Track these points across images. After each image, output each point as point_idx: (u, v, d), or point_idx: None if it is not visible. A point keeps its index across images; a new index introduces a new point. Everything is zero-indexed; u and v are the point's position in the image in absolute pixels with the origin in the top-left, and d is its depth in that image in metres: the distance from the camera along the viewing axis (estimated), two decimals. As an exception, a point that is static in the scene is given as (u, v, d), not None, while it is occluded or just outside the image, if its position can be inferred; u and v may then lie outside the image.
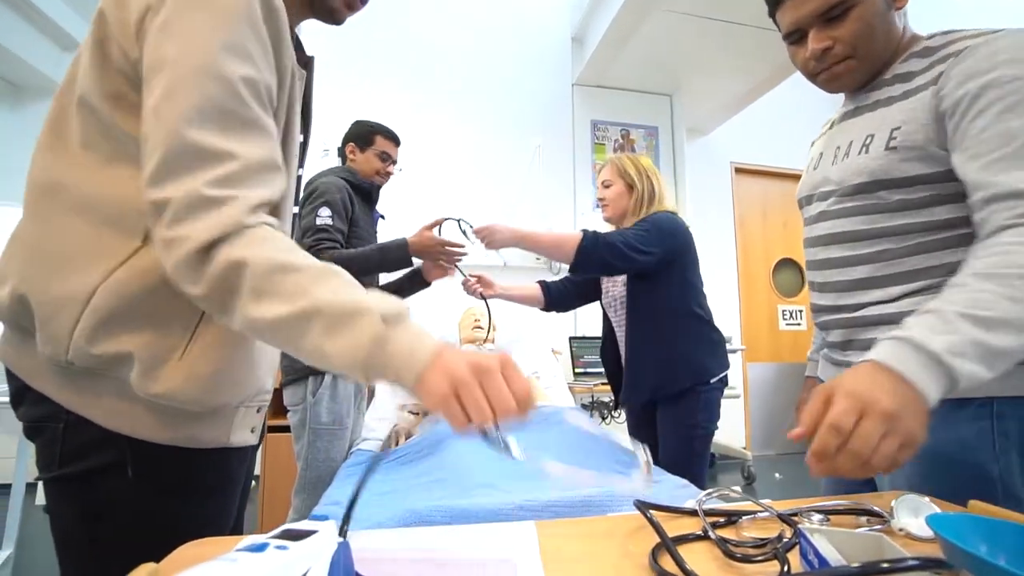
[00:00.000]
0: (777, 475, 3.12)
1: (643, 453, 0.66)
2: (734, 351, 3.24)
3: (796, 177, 1.00)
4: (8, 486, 1.68)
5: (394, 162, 1.68)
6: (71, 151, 0.54)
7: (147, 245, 0.53)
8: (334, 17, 0.73)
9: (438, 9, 3.00)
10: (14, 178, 2.72)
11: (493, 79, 3.04)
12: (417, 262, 1.46)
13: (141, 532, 0.57)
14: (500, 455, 0.46)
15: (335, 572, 0.35)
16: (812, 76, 0.76)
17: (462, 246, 1.38)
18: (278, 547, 0.32)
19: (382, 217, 1.75)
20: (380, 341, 0.44)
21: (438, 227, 1.37)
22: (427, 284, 1.52)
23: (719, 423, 1.41)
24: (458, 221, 1.35)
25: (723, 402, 1.40)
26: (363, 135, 1.63)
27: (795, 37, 0.75)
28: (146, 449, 0.56)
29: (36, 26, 2.72)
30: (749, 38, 2.52)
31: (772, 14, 0.77)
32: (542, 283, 1.59)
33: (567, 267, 1.33)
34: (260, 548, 0.31)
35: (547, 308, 1.59)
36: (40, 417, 0.56)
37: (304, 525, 0.37)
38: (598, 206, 1.49)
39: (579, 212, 3.04)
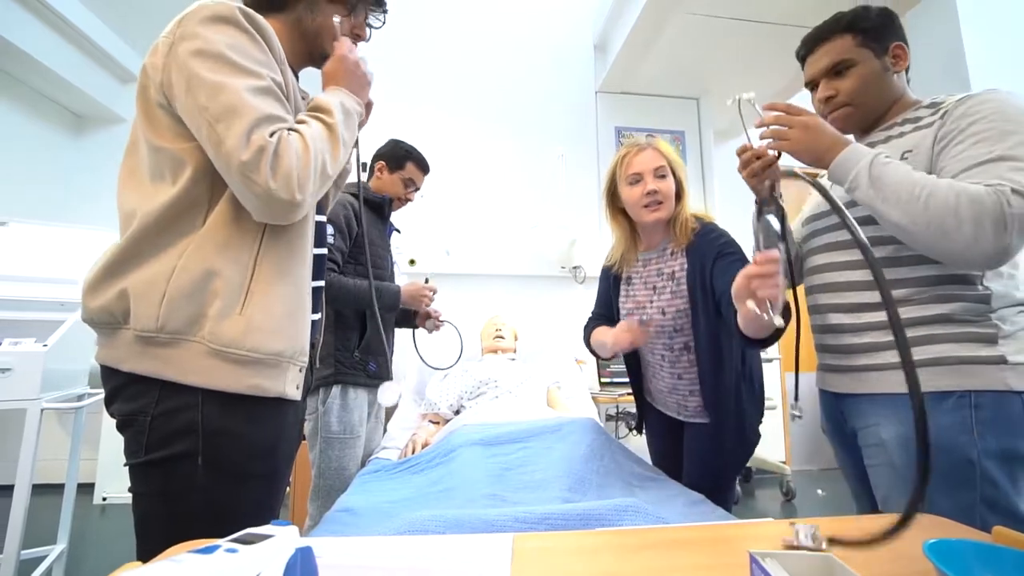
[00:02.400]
0: (820, 491, 2.94)
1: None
2: (770, 360, 3.10)
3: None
4: (62, 485, 1.80)
5: (417, 189, 1.68)
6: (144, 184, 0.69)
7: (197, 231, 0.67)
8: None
9: (461, 22, 3.07)
10: (78, 200, 2.94)
11: (516, 89, 3.07)
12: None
13: (208, 513, 0.66)
14: None
15: (289, 576, 0.36)
16: (824, 117, 0.93)
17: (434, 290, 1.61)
18: (228, 550, 0.33)
19: (397, 231, 1.76)
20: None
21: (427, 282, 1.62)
22: (415, 326, 1.74)
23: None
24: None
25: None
26: (397, 157, 1.62)
27: (811, 86, 0.98)
28: (215, 420, 0.66)
29: (97, 61, 2.97)
30: (775, 37, 2.43)
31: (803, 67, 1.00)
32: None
33: (586, 274, 1.22)
34: (209, 551, 0.33)
35: None
36: (132, 412, 0.66)
37: (263, 529, 0.38)
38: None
39: (603, 220, 2.99)
